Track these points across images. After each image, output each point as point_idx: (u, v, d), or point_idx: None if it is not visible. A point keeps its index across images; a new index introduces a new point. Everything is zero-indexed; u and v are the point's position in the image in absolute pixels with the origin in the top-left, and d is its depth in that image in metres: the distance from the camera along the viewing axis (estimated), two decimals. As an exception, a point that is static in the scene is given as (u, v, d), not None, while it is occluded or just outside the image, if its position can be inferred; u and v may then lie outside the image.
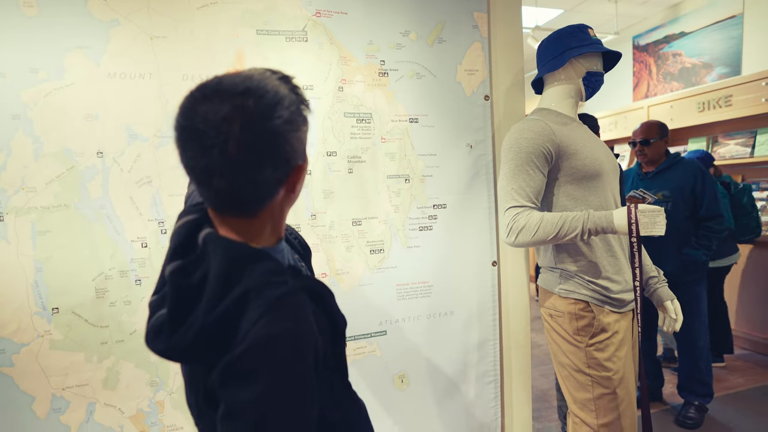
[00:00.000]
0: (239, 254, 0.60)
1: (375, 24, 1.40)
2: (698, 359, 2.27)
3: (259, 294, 0.57)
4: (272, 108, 0.56)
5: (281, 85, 0.59)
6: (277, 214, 0.64)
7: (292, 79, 0.62)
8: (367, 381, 1.44)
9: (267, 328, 0.55)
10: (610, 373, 1.26)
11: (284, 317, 0.57)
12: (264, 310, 0.56)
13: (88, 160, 1.17)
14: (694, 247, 2.20)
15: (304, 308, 0.60)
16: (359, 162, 1.41)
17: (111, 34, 1.17)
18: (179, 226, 0.65)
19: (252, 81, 0.57)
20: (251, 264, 0.59)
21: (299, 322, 0.58)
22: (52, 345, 1.16)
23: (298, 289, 0.61)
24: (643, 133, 2.34)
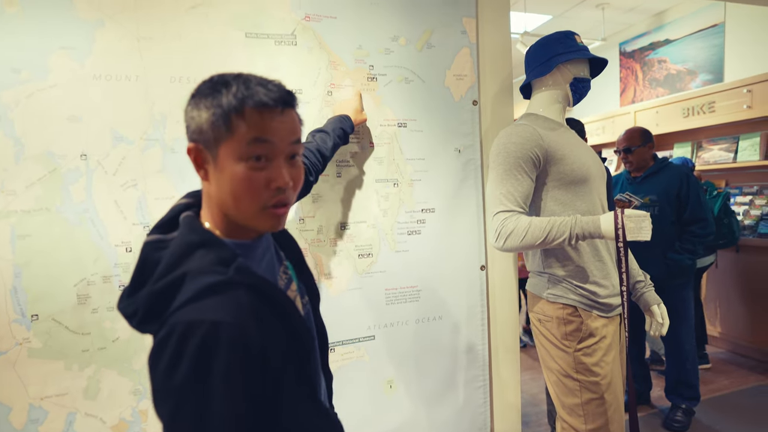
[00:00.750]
0: (196, 239, 0.63)
1: (364, 29, 1.40)
2: (685, 362, 2.29)
3: (194, 278, 0.59)
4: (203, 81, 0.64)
5: (239, 79, 0.63)
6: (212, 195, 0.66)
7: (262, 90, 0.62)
8: (355, 386, 1.43)
9: (189, 314, 0.56)
10: (598, 377, 1.27)
11: (210, 307, 0.57)
12: (192, 295, 0.57)
13: (71, 163, 1.15)
14: (678, 252, 2.23)
15: (236, 303, 0.59)
16: (348, 166, 1.40)
17: (96, 35, 1.16)
18: (174, 204, 0.70)
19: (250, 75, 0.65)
20: (203, 249, 0.62)
21: (226, 315, 0.57)
22: (31, 353, 1.13)
23: (236, 283, 0.60)
24: (625, 141, 2.38)
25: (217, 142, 0.62)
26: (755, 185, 3.37)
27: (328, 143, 1.20)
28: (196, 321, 0.55)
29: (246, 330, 0.58)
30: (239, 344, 0.56)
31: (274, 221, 0.65)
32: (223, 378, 0.55)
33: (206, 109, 0.62)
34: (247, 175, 0.61)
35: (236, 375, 0.56)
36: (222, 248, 0.63)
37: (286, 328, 0.65)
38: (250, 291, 0.61)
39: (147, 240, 0.66)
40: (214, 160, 0.63)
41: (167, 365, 0.54)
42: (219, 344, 0.55)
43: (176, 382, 0.54)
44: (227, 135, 0.61)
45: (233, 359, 0.55)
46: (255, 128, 0.61)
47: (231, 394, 0.55)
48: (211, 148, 0.62)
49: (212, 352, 0.54)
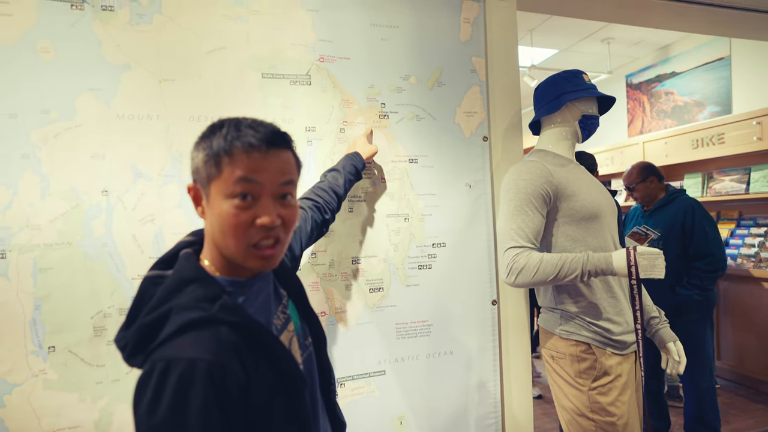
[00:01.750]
0: (188, 275, 0.65)
1: (376, 69, 1.45)
2: (702, 401, 2.21)
3: (178, 313, 0.60)
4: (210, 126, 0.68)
5: (231, 122, 0.66)
6: (208, 232, 0.68)
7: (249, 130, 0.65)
8: (365, 422, 1.41)
9: (169, 351, 0.58)
10: (614, 418, 1.24)
11: (189, 344, 0.58)
12: (173, 330, 0.59)
13: (93, 198, 1.19)
14: (685, 287, 2.18)
15: (215, 339, 0.59)
16: (359, 201, 1.43)
17: (122, 78, 1.22)
18: (178, 242, 0.73)
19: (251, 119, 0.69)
20: (193, 285, 0.63)
21: (203, 352, 0.57)
22: (46, 385, 1.14)
23: (219, 320, 0.61)
24: (626, 179, 2.45)
25: (209, 181, 0.66)
26: (769, 216, 3.33)
27: (340, 181, 1.23)
28: (175, 358, 0.57)
29: (225, 367, 0.58)
30: (216, 382, 0.57)
31: (261, 261, 0.66)
32: (199, 415, 0.55)
33: (202, 150, 0.66)
34: (233, 213, 0.63)
35: (213, 412, 0.56)
36: (211, 285, 0.65)
37: (272, 367, 0.65)
38: (233, 329, 0.62)
39: (147, 275, 0.69)
40: (207, 198, 0.67)
41: (149, 403, 0.55)
42: (195, 382, 0.55)
43: (157, 421, 0.54)
44: (217, 174, 0.65)
45: (209, 396, 0.56)
46: (241, 167, 0.63)
47: (209, 427, 0.55)
48: (205, 187, 0.66)
49: (189, 390, 0.55)
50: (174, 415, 0.54)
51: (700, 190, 3.69)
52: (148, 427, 0.55)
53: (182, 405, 0.55)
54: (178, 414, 0.54)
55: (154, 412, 0.54)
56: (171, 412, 0.54)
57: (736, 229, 3.48)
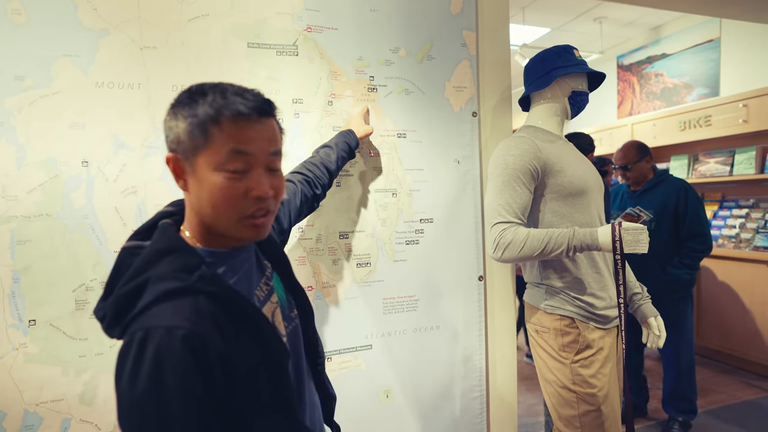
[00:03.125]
0: (166, 245, 0.63)
1: (365, 40, 1.42)
2: (682, 375, 2.29)
3: (155, 283, 0.59)
4: (182, 91, 0.65)
5: (215, 88, 0.63)
6: (192, 203, 0.66)
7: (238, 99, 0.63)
8: (351, 395, 1.43)
9: (147, 320, 0.57)
10: (595, 389, 1.27)
11: (167, 313, 0.57)
12: (150, 300, 0.58)
13: (73, 169, 1.16)
14: (677, 267, 2.23)
15: (193, 309, 0.59)
16: (347, 176, 1.41)
17: (100, 44, 1.17)
18: (157, 212, 0.72)
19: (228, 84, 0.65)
20: (170, 255, 0.62)
21: (181, 320, 0.57)
22: (28, 358, 1.12)
23: (197, 290, 0.60)
24: (623, 159, 2.38)
25: (195, 152, 0.62)
26: (751, 198, 3.40)
27: (332, 157, 1.21)
28: (153, 327, 0.56)
29: (203, 336, 0.57)
30: (195, 350, 0.56)
31: (254, 231, 0.65)
32: (178, 384, 0.54)
33: (183, 118, 0.62)
34: (225, 185, 0.61)
35: (193, 380, 0.55)
36: (190, 255, 0.63)
37: (253, 338, 0.64)
38: (212, 298, 0.61)
39: (124, 246, 0.67)
40: (192, 169, 0.63)
41: (129, 375, 0.54)
42: (173, 350, 0.55)
43: (138, 392, 0.53)
44: (204, 145, 0.61)
45: (188, 365, 0.55)
46: (232, 138, 0.61)
47: (189, 400, 0.55)
48: (189, 158, 0.63)
49: (167, 359, 0.54)
50: (154, 385, 0.54)
51: (686, 172, 3.74)
52: (129, 398, 0.54)
53: (161, 374, 0.54)
54: (158, 383, 0.54)
55: (134, 383, 0.54)
56: (151, 382, 0.53)
57: (718, 211, 3.55)
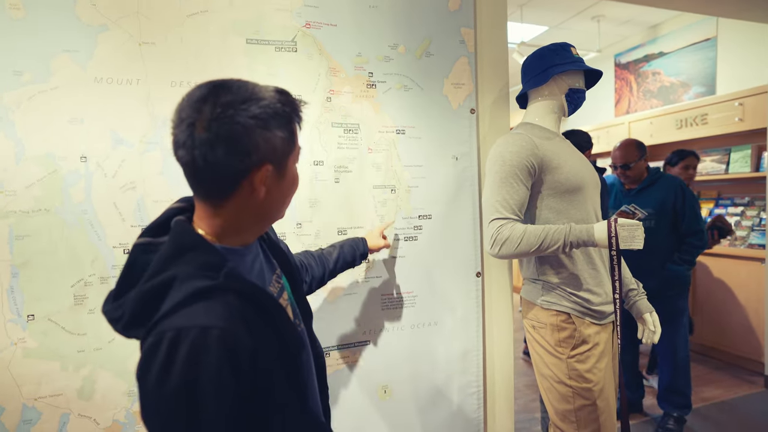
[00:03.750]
0: (187, 242, 0.63)
1: (364, 36, 1.42)
2: (677, 371, 2.31)
3: (183, 282, 0.59)
4: (243, 100, 0.61)
5: (269, 92, 0.64)
6: (242, 214, 0.66)
7: (290, 94, 0.66)
8: (349, 391, 1.43)
9: (179, 320, 0.56)
10: (591, 384, 1.28)
11: (200, 312, 0.57)
12: (181, 299, 0.58)
13: (72, 165, 1.16)
14: (677, 263, 2.25)
15: (226, 307, 0.59)
16: (346, 172, 1.42)
17: (99, 39, 1.17)
18: (167, 209, 0.71)
19: (238, 81, 0.64)
20: (192, 252, 0.62)
21: (216, 320, 0.57)
22: (26, 353, 1.13)
23: (226, 288, 0.60)
24: (623, 158, 2.35)
25: (285, 156, 0.67)
26: (746, 196, 3.42)
27: (333, 255, 1.18)
28: (186, 327, 0.55)
29: (236, 334, 0.58)
30: (229, 349, 0.56)
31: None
32: (214, 383, 0.55)
33: (279, 128, 0.64)
34: (296, 174, 0.72)
35: (227, 379, 0.56)
36: (212, 253, 0.63)
37: (275, 333, 0.65)
38: (240, 296, 0.62)
39: (136, 242, 0.67)
40: (282, 173, 0.67)
41: (158, 373, 0.54)
42: (209, 350, 0.55)
43: (168, 390, 0.54)
44: (292, 149, 0.68)
45: (224, 364, 0.55)
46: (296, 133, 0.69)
47: (222, 398, 0.55)
48: (282, 163, 0.67)
49: (202, 358, 0.54)
50: (186, 384, 0.54)
51: (682, 171, 3.75)
52: (158, 397, 0.54)
53: (195, 373, 0.54)
54: (191, 383, 0.54)
55: (164, 381, 0.54)
56: (183, 381, 0.54)
57: (714, 209, 3.57)
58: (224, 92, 0.61)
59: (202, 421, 0.54)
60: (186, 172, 0.63)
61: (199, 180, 0.63)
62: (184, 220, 0.67)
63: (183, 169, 0.63)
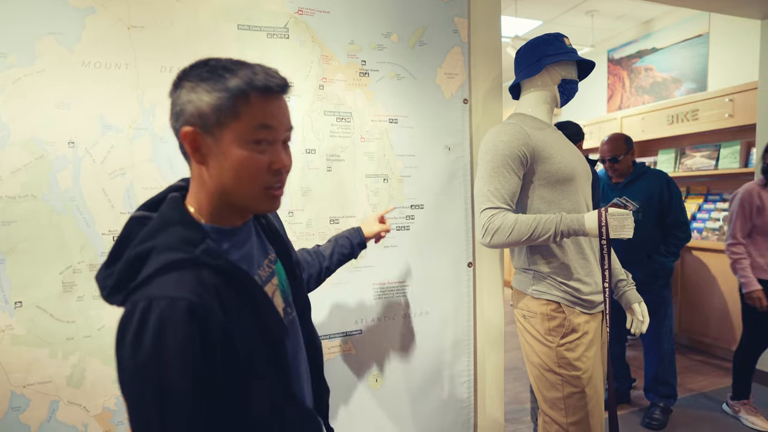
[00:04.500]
0: (173, 216, 0.65)
1: (357, 24, 1.41)
2: (663, 360, 2.35)
3: (160, 253, 0.60)
4: (193, 64, 0.65)
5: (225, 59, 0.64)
6: (206, 187, 0.66)
7: (255, 69, 0.64)
8: (341, 380, 1.44)
9: (151, 290, 0.57)
10: (579, 372, 1.30)
11: (171, 283, 0.58)
12: (154, 270, 0.59)
13: (59, 150, 1.14)
14: (663, 255, 2.29)
15: (197, 281, 0.59)
16: (338, 160, 1.41)
17: (86, 22, 1.15)
18: (168, 186, 0.72)
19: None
20: (176, 227, 0.63)
21: (185, 292, 0.57)
22: (14, 340, 1.11)
23: (201, 263, 0.61)
24: (612, 151, 2.38)
25: (221, 126, 0.62)
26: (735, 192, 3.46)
27: (327, 251, 1.12)
28: (157, 297, 0.56)
29: (205, 308, 0.58)
30: (198, 322, 0.57)
31: (273, 202, 0.68)
32: (180, 354, 0.55)
33: (207, 92, 0.62)
34: (251, 158, 0.63)
35: (195, 352, 0.56)
36: (194, 228, 0.64)
37: (253, 314, 0.65)
38: (216, 273, 0.62)
39: (132, 215, 0.69)
40: (215, 143, 0.63)
41: (131, 343, 0.55)
42: (176, 321, 0.55)
43: (140, 360, 0.54)
44: (232, 119, 0.62)
45: (191, 335, 0.56)
46: (260, 114, 0.63)
47: (190, 369, 0.56)
48: (213, 132, 0.63)
49: (169, 328, 0.55)
50: (156, 353, 0.54)
51: (673, 166, 3.79)
52: (132, 366, 0.55)
53: (163, 343, 0.54)
54: (160, 352, 0.54)
55: (137, 351, 0.55)
56: (153, 350, 0.54)
57: (703, 204, 3.61)
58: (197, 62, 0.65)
59: (171, 390, 0.55)
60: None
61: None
62: (177, 196, 0.68)
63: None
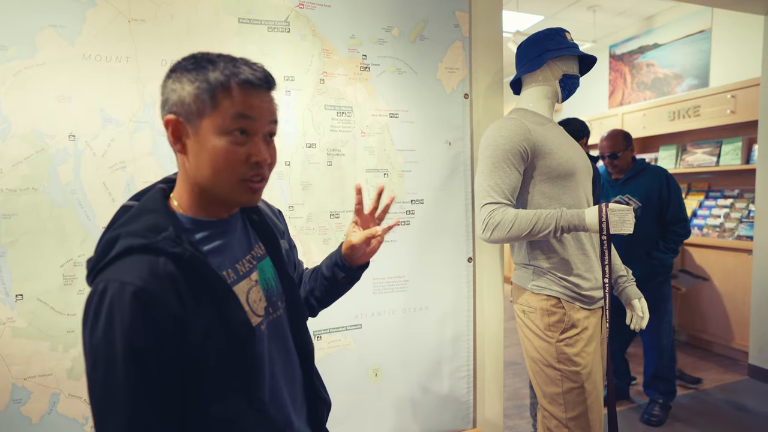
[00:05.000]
0: (150, 205, 0.66)
1: (358, 18, 1.41)
2: (662, 356, 2.36)
3: (123, 238, 0.61)
4: (184, 58, 0.66)
5: (224, 57, 0.65)
6: (187, 173, 0.67)
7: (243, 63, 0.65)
8: (340, 374, 1.44)
9: (109, 274, 0.59)
10: (579, 367, 1.30)
11: (125, 268, 0.59)
12: (114, 254, 0.60)
13: (60, 143, 1.14)
14: (662, 251, 2.29)
15: (150, 267, 0.60)
16: (338, 155, 1.41)
17: (87, 15, 1.15)
18: (161, 178, 0.74)
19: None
20: (149, 214, 0.64)
21: (135, 278, 0.58)
22: (15, 333, 1.12)
23: (159, 249, 0.61)
24: (612, 147, 2.37)
25: (200, 116, 0.63)
26: (736, 189, 3.45)
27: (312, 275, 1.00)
28: (111, 280, 0.58)
29: (156, 295, 0.59)
30: (144, 307, 0.57)
31: (250, 194, 0.67)
32: (125, 338, 0.56)
33: (190, 82, 0.63)
34: (228, 149, 0.63)
35: (139, 336, 0.57)
36: (165, 217, 0.64)
37: (214, 306, 0.64)
38: (175, 261, 0.62)
39: (123, 204, 0.70)
40: (194, 133, 0.64)
41: (90, 323, 0.58)
42: (123, 305, 0.57)
43: (95, 340, 0.57)
44: (211, 109, 0.63)
45: (135, 320, 0.57)
46: (239, 104, 0.63)
47: (134, 355, 0.57)
48: (193, 122, 0.64)
49: (117, 312, 0.57)
50: (106, 334, 0.57)
51: (674, 162, 3.78)
52: (90, 345, 0.58)
53: (112, 326, 0.57)
54: (109, 334, 0.57)
55: (92, 331, 0.57)
56: (104, 332, 0.57)
57: (704, 201, 3.60)
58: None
59: (115, 374, 0.56)
60: None
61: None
62: (162, 187, 0.69)
63: None
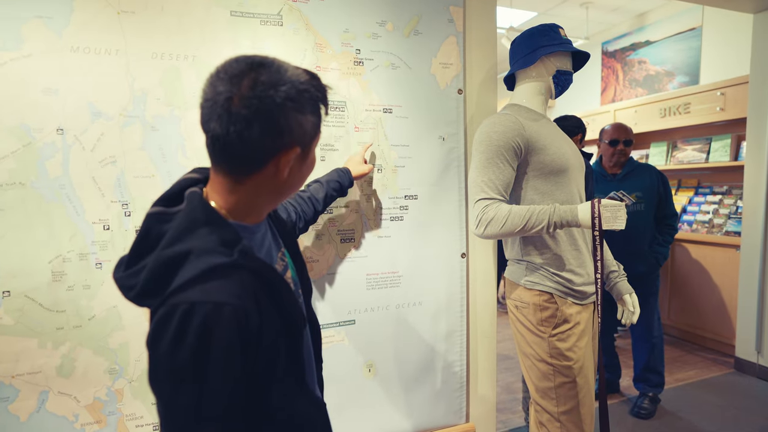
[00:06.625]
0: (201, 216, 0.63)
1: (351, 12, 1.39)
2: (653, 349, 2.40)
3: (199, 257, 0.59)
4: (282, 81, 0.61)
5: (303, 75, 0.64)
6: (261, 192, 0.66)
7: (320, 79, 0.66)
8: (335, 369, 1.44)
9: (193, 294, 0.57)
10: (571, 362, 1.31)
11: (215, 289, 0.58)
12: (197, 274, 0.58)
13: (48, 137, 1.12)
14: (661, 244, 2.36)
15: (240, 285, 0.60)
16: (332, 150, 1.40)
17: (75, 5, 1.12)
18: (180, 178, 0.70)
19: (274, 60, 0.63)
20: (207, 227, 0.62)
21: (229, 297, 0.58)
22: (2, 330, 1.10)
23: (240, 266, 0.61)
24: (628, 133, 2.41)
25: (312, 140, 0.67)
26: (725, 185, 3.50)
27: (320, 194, 1.21)
28: (200, 302, 0.57)
29: (247, 312, 0.59)
30: (240, 326, 0.58)
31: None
32: (223, 359, 0.57)
33: (311, 113, 0.64)
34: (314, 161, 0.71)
35: (235, 354, 0.58)
36: (226, 229, 0.64)
37: (280, 310, 0.66)
38: (252, 274, 0.63)
39: (150, 212, 0.66)
40: (306, 155, 0.67)
41: (170, 345, 0.56)
42: (221, 325, 0.56)
43: (178, 362, 0.55)
44: (318, 132, 0.68)
45: (233, 340, 0.57)
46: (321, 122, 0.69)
47: (229, 374, 0.58)
48: (307, 146, 0.67)
49: (213, 333, 0.56)
50: (195, 357, 0.55)
51: (665, 159, 3.82)
52: (169, 368, 0.56)
53: (206, 348, 0.56)
54: (201, 356, 0.56)
55: (175, 353, 0.55)
56: (192, 353, 0.55)
57: (693, 197, 3.65)
58: (264, 70, 0.60)
59: (206, 392, 0.56)
60: (213, 145, 0.62)
61: (227, 155, 0.62)
62: (198, 192, 0.67)
63: (210, 142, 0.62)
